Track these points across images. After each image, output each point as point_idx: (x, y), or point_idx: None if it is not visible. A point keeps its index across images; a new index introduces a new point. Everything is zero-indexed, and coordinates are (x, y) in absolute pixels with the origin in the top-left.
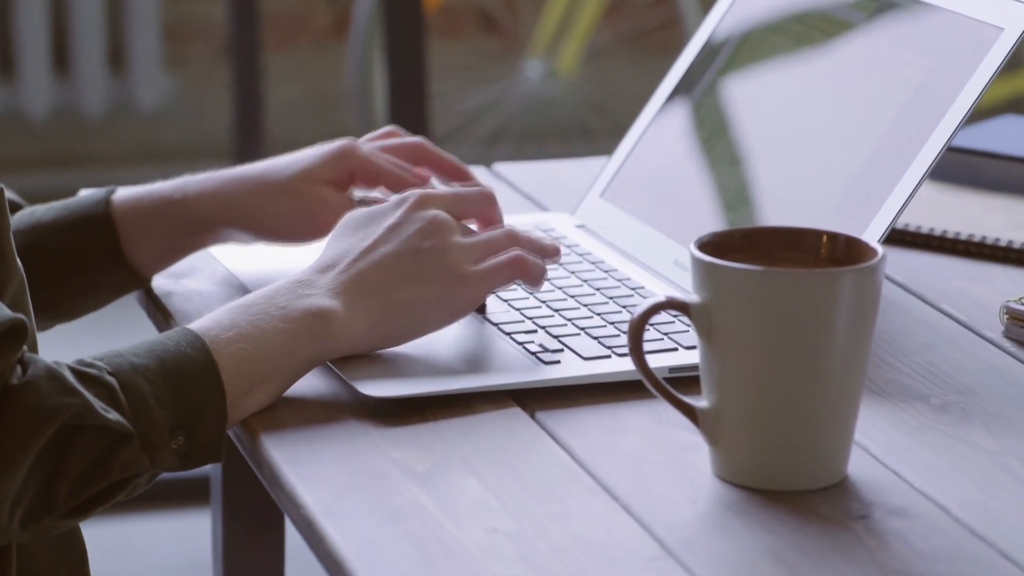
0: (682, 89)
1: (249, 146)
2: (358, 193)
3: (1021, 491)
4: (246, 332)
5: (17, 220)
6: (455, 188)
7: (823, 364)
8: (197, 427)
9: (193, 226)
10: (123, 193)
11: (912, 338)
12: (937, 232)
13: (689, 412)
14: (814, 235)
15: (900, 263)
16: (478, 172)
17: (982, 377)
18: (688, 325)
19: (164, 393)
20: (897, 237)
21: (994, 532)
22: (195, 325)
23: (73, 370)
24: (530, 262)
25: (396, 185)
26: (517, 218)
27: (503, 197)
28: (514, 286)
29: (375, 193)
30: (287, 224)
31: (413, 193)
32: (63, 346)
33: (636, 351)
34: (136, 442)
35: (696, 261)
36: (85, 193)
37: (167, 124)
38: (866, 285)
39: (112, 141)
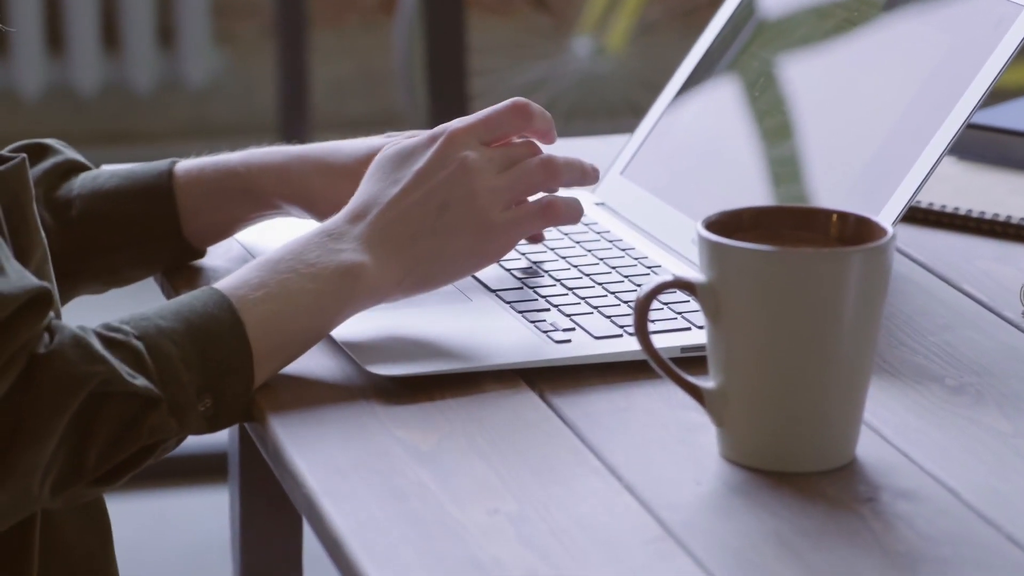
0: (704, 67)
1: (294, 123)
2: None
3: None
4: (274, 292)
5: (80, 184)
6: (485, 113)
7: (830, 345)
8: (224, 388)
9: (254, 200)
10: (186, 164)
11: (930, 318)
12: (961, 211)
13: (695, 392)
14: (824, 215)
15: (922, 242)
16: None
17: (999, 358)
18: None
19: (191, 355)
20: (920, 216)
21: (1002, 516)
22: (222, 284)
23: (100, 335)
24: (562, 207)
25: None
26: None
27: None
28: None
29: None
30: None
31: (443, 129)
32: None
33: (641, 331)
34: (164, 406)
35: (702, 240)
36: (148, 164)
37: (216, 100)
38: (875, 265)
39: (161, 117)
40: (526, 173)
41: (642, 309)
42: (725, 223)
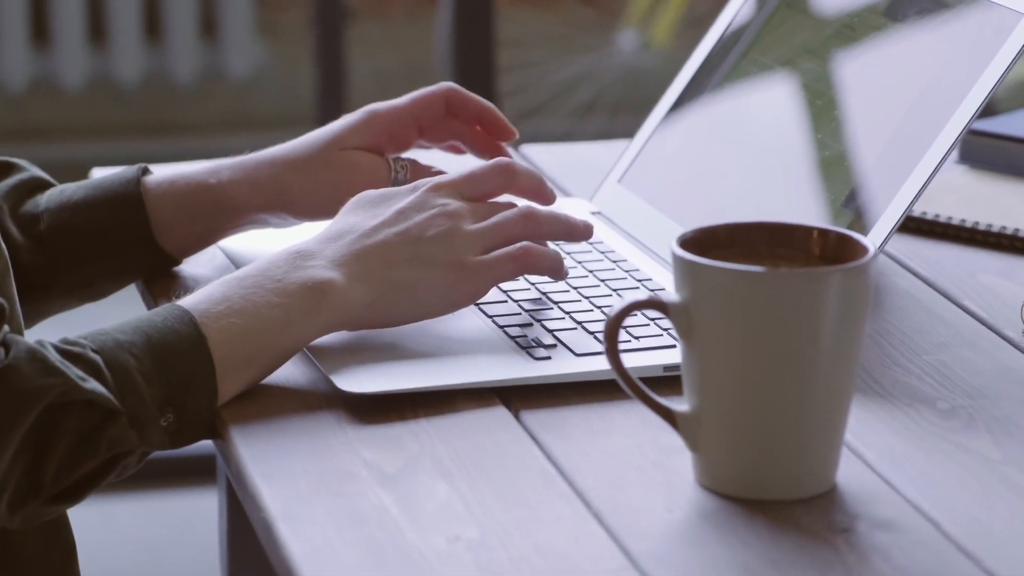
0: (703, 74)
1: (332, 115)
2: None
3: (1017, 503)
4: (238, 306)
5: (47, 199)
6: (469, 170)
7: (807, 368)
8: (187, 403)
9: (228, 211)
10: (156, 176)
11: (927, 336)
12: (968, 223)
13: (669, 416)
14: (803, 231)
15: (926, 255)
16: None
17: (995, 380)
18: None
19: (151, 369)
20: (926, 227)
21: (982, 548)
22: (186, 300)
23: (57, 348)
24: (539, 255)
25: (430, 114)
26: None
27: None
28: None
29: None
30: (324, 198)
31: (426, 181)
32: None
33: (611, 352)
34: (123, 419)
35: (675, 258)
36: (115, 171)
37: (258, 92)
38: (855, 286)
39: (203, 109)
40: (505, 221)
41: (612, 330)
42: (701, 240)
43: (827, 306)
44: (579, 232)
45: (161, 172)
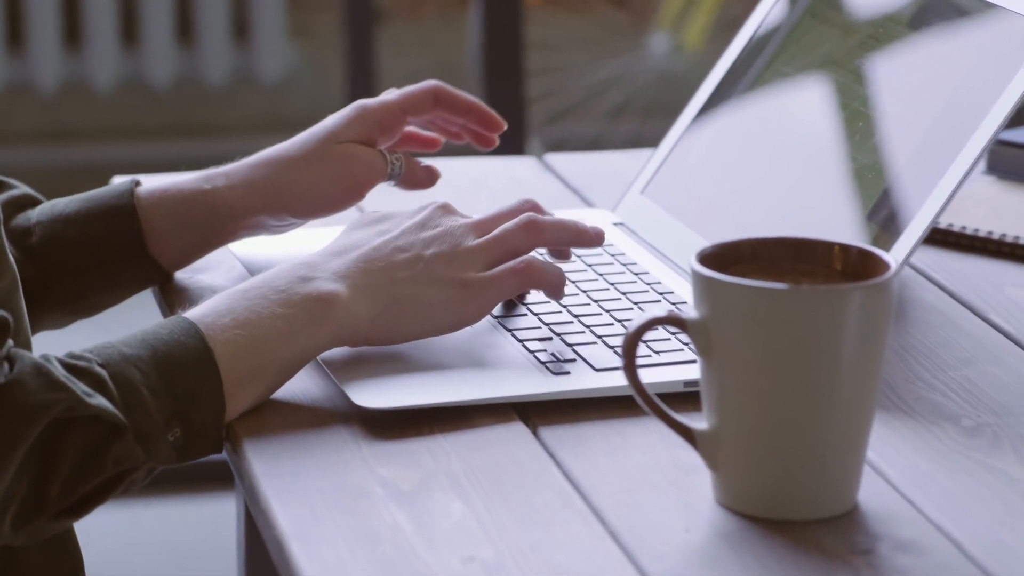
0: (728, 83)
1: None
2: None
3: None
4: (243, 318)
5: (38, 213)
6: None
7: (828, 386)
8: (194, 417)
9: (223, 217)
10: (148, 186)
11: (952, 351)
12: (995, 235)
13: (687, 434)
14: (825, 247)
15: (952, 267)
16: (528, 163)
17: (1021, 396)
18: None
19: (157, 383)
20: (952, 239)
21: (1006, 570)
22: (191, 312)
23: (62, 363)
24: (542, 270)
25: (418, 106)
26: (554, 214)
27: (549, 190)
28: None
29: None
30: (325, 192)
31: (432, 201)
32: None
33: (629, 368)
34: (129, 434)
35: (694, 274)
36: (108, 185)
37: (290, 94)
38: (876, 302)
39: (234, 111)
40: (506, 234)
41: (631, 346)
42: (721, 255)
43: (848, 323)
44: (589, 237)
45: (153, 182)
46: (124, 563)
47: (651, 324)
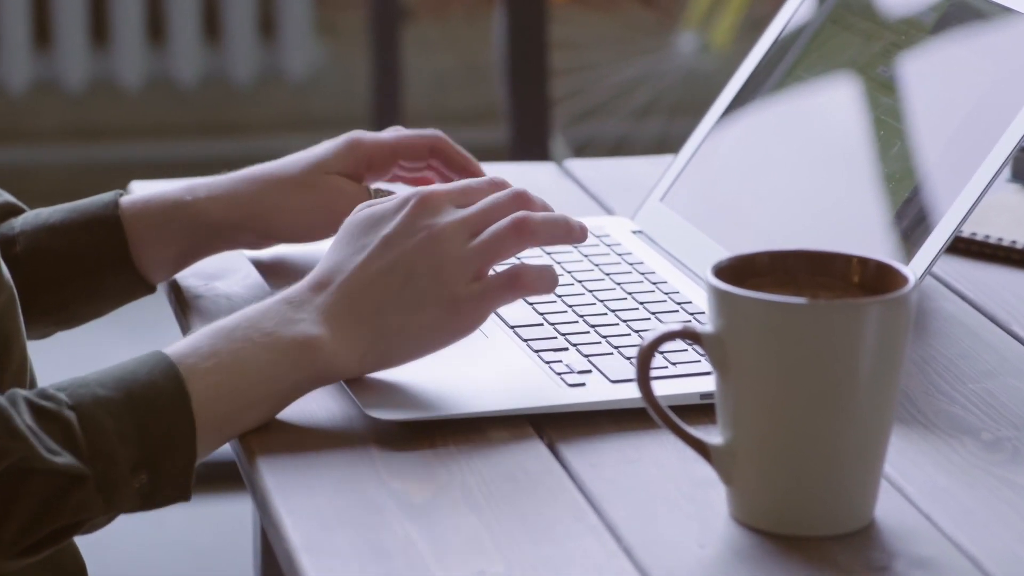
0: (749, 89)
1: (388, 117)
2: (373, 185)
3: None
4: (226, 362)
5: (22, 222)
6: (463, 181)
7: (845, 401)
8: (163, 464)
9: (204, 229)
10: (132, 196)
11: (973, 363)
12: (1019, 244)
13: (702, 448)
14: (843, 260)
15: (974, 277)
16: (548, 169)
17: None
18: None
19: (128, 428)
20: (975, 249)
21: None
22: (173, 350)
23: (30, 403)
24: (534, 277)
25: (412, 155)
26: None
27: (569, 196)
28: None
29: (389, 186)
30: (303, 219)
31: (416, 192)
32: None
33: (643, 381)
34: (91, 483)
35: (709, 287)
36: (93, 197)
37: (316, 92)
38: (894, 317)
39: (261, 109)
40: (496, 238)
41: (644, 360)
42: (738, 268)
43: (865, 338)
44: (576, 234)
45: (137, 192)
46: (142, 563)
47: (665, 338)
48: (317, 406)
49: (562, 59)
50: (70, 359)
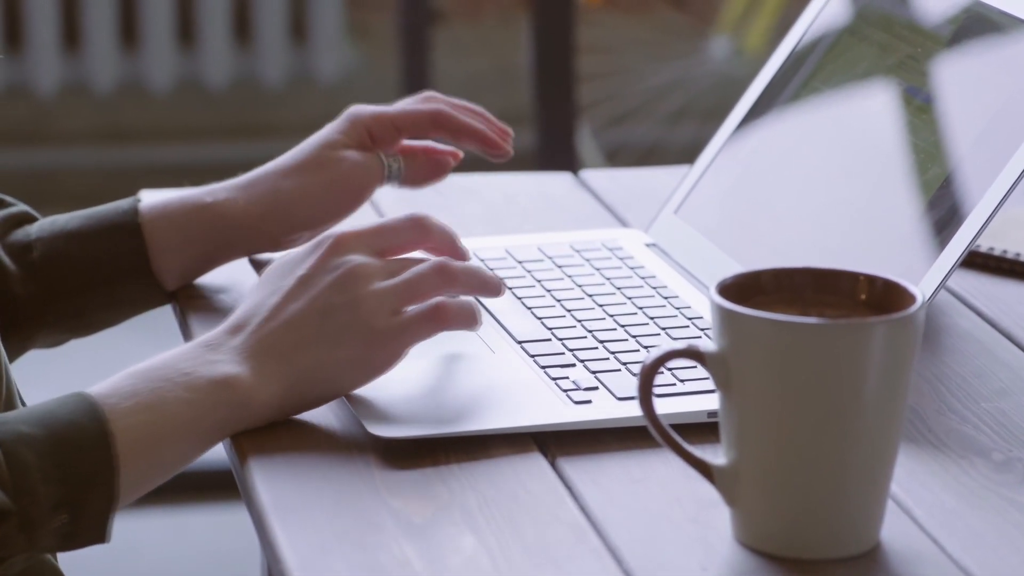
0: (765, 100)
1: None
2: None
3: None
4: (146, 401)
5: (38, 228)
6: (379, 222)
7: (850, 422)
8: (84, 505)
9: (227, 228)
10: (149, 201)
11: (986, 381)
12: None
13: (704, 469)
14: (849, 277)
15: (993, 293)
16: (564, 179)
17: None
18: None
19: (50, 467)
20: (993, 264)
21: None
22: (96, 390)
23: None
24: (454, 311)
25: (414, 128)
26: (585, 234)
27: (583, 207)
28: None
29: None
30: (323, 200)
31: (330, 234)
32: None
33: (645, 400)
34: (14, 520)
35: (712, 305)
36: (110, 203)
37: (348, 95)
38: (900, 336)
39: (292, 112)
40: (417, 277)
41: (646, 379)
42: (743, 286)
43: (871, 358)
44: (491, 288)
45: (154, 197)
46: (154, 571)
47: (668, 357)
48: (317, 420)
49: (594, 63)
50: (82, 368)
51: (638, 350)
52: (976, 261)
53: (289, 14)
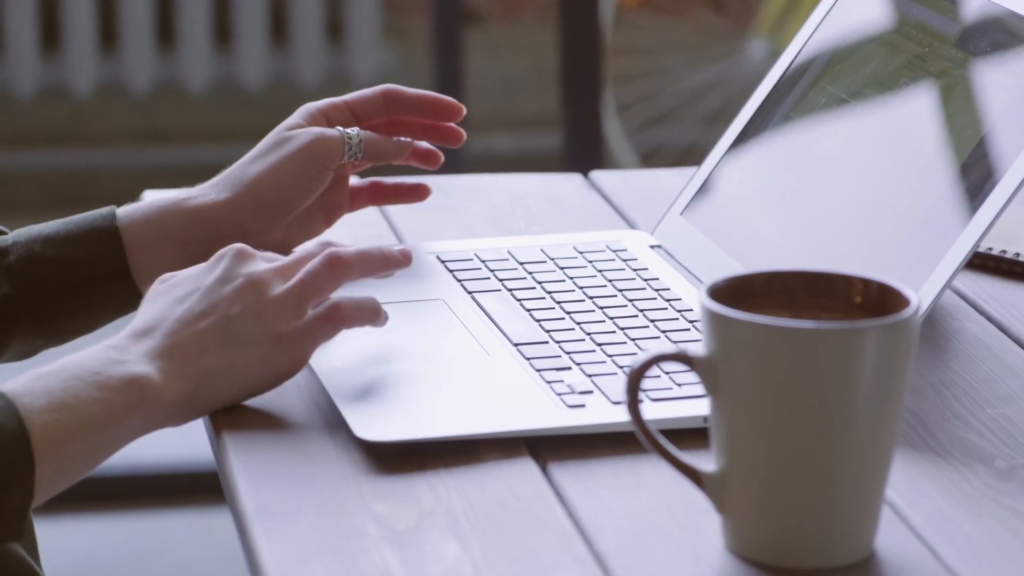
0: (772, 101)
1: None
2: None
3: None
4: (59, 400)
5: (14, 234)
6: (293, 257)
7: (842, 428)
8: (2, 502)
9: (204, 224)
10: (127, 206)
11: (993, 387)
12: None
13: (693, 476)
14: (843, 281)
15: (1003, 297)
16: (574, 180)
17: None
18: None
19: None
20: (1005, 267)
21: None
22: (7, 388)
23: None
24: (352, 311)
25: (366, 107)
26: (590, 235)
27: (591, 208)
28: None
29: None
30: (288, 173)
31: (229, 248)
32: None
33: (632, 406)
34: None
35: (701, 309)
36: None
37: None
38: (894, 341)
39: None
40: (310, 275)
41: (633, 383)
42: (735, 289)
43: (864, 363)
44: (396, 262)
45: (129, 205)
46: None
47: (655, 361)
48: (303, 421)
49: (631, 64)
50: None
51: (636, 353)
52: (988, 264)
53: (325, 15)
